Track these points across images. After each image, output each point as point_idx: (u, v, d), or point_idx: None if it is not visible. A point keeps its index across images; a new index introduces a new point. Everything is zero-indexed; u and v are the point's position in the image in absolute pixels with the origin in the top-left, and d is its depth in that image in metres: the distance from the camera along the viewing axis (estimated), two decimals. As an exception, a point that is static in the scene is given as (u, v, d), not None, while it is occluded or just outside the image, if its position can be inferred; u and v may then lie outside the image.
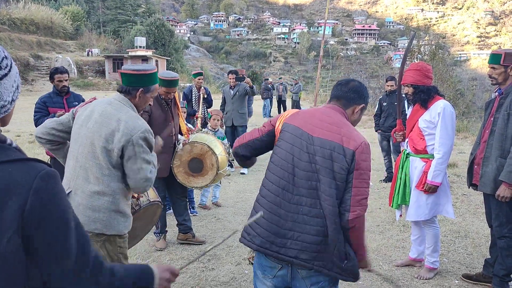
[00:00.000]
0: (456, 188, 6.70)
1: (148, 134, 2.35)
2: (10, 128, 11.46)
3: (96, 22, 67.31)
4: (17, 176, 1.04)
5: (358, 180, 1.99)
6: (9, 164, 1.06)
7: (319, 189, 2.00)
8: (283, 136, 2.16)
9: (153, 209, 3.00)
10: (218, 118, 5.47)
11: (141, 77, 2.40)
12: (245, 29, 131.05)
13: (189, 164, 4.19)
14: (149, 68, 2.45)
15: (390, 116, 7.12)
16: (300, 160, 2.05)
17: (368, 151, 2.04)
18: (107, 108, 2.37)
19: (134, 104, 2.44)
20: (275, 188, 2.09)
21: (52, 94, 4.77)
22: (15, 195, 1.02)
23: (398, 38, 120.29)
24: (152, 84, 2.47)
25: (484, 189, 3.37)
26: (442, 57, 21.88)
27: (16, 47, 35.74)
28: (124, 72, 2.42)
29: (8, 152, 1.08)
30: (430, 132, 3.56)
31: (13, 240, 1.02)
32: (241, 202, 5.97)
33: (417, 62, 4.05)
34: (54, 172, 1.10)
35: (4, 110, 1.14)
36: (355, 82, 2.26)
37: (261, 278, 2.18)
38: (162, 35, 48.57)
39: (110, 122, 2.31)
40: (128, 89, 2.42)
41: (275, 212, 2.06)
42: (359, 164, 1.99)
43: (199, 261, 4.04)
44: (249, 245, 2.12)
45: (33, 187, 1.04)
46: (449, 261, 4.13)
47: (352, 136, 2.03)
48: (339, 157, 1.99)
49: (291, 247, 2.00)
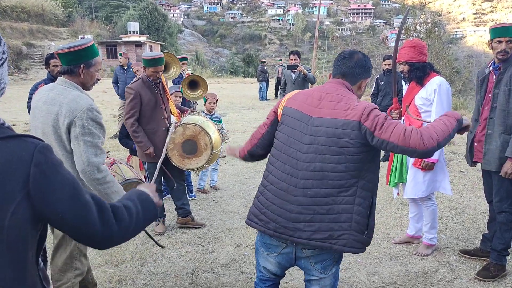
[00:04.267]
0: (453, 165, 6.73)
1: (91, 112, 2.27)
2: (5, 117, 11.35)
3: (88, 8, 66.33)
4: (17, 151, 1.11)
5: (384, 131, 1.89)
6: (7, 140, 1.13)
7: (325, 169, 1.96)
8: (284, 120, 2.13)
9: (132, 187, 2.92)
10: (213, 101, 5.43)
11: (79, 53, 2.31)
12: (239, 12, 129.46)
13: (183, 146, 4.18)
14: (85, 42, 2.36)
15: (388, 95, 7.06)
16: (302, 143, 2.02)
17: (374, 110, 1.95)
18: (49, 94, 2.32)
19: (80, 82, 2.37)
20: (280, 173, 2.07)
21: (47, 80, 4.74)
22: (17, 169, 1.10)
23: (394, 17, 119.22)
24: (92, 57, 2.37)
25: (488, 167, 3.34)
26: (438, 35, 21.70)
27: (8, 36, 35.26)
28: (60, 52, 2.32)
29: (3, 130, 1.15)
30: (426, 109, 3.55)
31: (17, 212, 1.09)
32: (239, 185, 5.99)
33: (412, 39, 4.00)
34: (49, 146, 1.19)
35: (2, 93, 1.25)
36: (359, 54, 2.17)
37: (264, 255, 2.18)
38: (155, 19, 48.06)
39: (53, 108, 2.27)
40: (70, 69, 2.33)
41: (284, 198, 2.04)
42: (374, 124, 1.90)
43: (199, 244, 4.06)
44: (263, 230, 2.11)
45: (33, 160, 1.12)
46: (447, 237, 4.17)
47: (352, 108, 1.97)
48: (343, 133, 1.94)
49: (305, 230, 1.98)
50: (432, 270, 3.51)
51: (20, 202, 1.10)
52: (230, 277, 3.44)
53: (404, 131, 1.89)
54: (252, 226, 2.18)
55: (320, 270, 2.06)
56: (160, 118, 4.19)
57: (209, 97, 5.45)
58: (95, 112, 2.29)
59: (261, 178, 2.24)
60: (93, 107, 2.28)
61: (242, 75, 38.80)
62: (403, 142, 1.88)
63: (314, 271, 2.07)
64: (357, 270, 3.53)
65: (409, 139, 1.87)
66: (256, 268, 2.33)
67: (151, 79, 4.14)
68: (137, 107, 4.06)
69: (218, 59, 74.96)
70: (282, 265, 2.16)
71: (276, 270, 2.19)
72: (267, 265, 2.19)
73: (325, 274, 2.07)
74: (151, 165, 4.24)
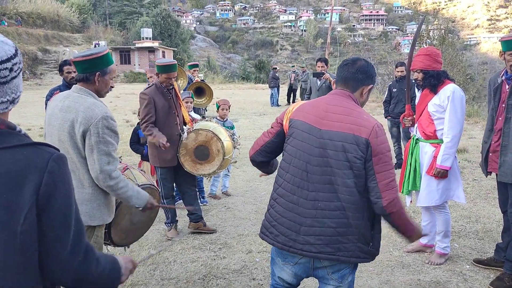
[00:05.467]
0: (466, 174, 6.66)
1: (106, 121, 2.30)
2: (21, 122, 11.58)
3: (102, 14, 67.28)
4: (33, 158, 1.15)
5: (380, 165, 1.95)
6: (24, 148, 1.17)
7: (335, 182, 1.98)
8: (291, 133, 2.14)
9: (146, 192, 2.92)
10: (226, 108, 5.46)
11: (95, 61, 2.35)
12: (251, 18, 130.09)
13: (195, 152, 4.21)
14: (100, 50, 2.40)
15: (400, 102, 7.03)
16: (311, 155, 2.03)
17: (382, 132, 2.00)
18: (65, 102, 2.35)
19: (95, 90, 2.41)
20: (290, 186, 2.08)
21: (62, 86, 4.81)
22: (32, 175, 1.13)
23: (407, 23, 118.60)
24: (107, 65, 2.40)
25: (504, 179, 3.29)
26: (451, 41, 21.57)
27: (24, 41, 35.91)
28: (77, 60, 2.36)
29: (19, 137, 1.19)
30: (439, 116, 3.53)
31: (29, 217, 1.12)
32: (251, 191, 6.00)
33: (426, 47, 3.99)
34: (64, 156, 1.23)
35: (18, 100, 1.27)
36: (362, 61, 2.19)
37: (280, 265, 2.18)
38: (168, 26, 48.54)
39: (69, 115, 2.30)
40: (85, 76, 2.37)
41: (294, 211, 2.05)
42: (376, 150, 1.95)
43: (210, 250, 4.08)
44: (272, 243, 2.12)
45: (47, 168, 1.15)
46: (460, 246, 4.12)
47: (361, 123, 1.99)
48: (351, 147, 1.96)
49: (314, 243, 1.99)
50: (445, 280, 3.48)
51: (31, 207, 1.13)
52: (241, 284, 3.45)
53: (392, 181, 1.97)
54: (264, 239, 2.19)
55: (337, 279, 2.07)
56: (173, 123, 4.23)
57: (222, 104, 5.48)
58: (110, 120, 2.33)
59: (272, 184, 2.25)
60: (108, 115, 2.32)
61: (254, 81, 38.88)
62: (382, 187, 1.95)
63: (331, 280, 2.08)
64: (369, 279, 3.51)
65: (387, 189, 1.95)
66: (271, 277, 2.33)
67: (164, 85, 4.18)
68: (152, 112, 4.10)
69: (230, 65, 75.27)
70: (298, 275, 2.16)
71: (292, 280, 2.19)
72: (283, 275, 2.19)
73: (342, 283, 2.08)
74: (163, 171, 4.28)
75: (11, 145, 1.15)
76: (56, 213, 1.17)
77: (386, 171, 1.97)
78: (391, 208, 1.96)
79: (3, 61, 1.16)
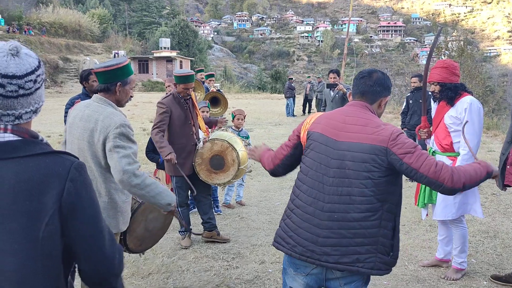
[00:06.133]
0: (485, 187, 6.53)
1: (123, 128, 2.34)
2: (41, 129, 11.82)
3: (122, 24, 68.61)
4: (55, 166, 1.19)
5: (414, 160, 1.91)
6: (46, 156, 1.21)
7: (352, 193, 1.97)
8: (309, 145, 2.14)
9: None
10: (241, 118, 5.49)
11: (116, 72, 2.40)
12: (268, 28, 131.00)
13: (211, 161, 4.24)
14: (121, 61, 2.44)
15: (415, 113, 7.01)
16: (329, 167, 2.03)
17: (400, 135, 1.97)
18: (85, 111, 2.40)
19: (115, 100, 2.45)
20: (306, 197, 2.08)
21: (82, 96, 4.89)
22: (54, 183, 1.17)
23: (425, 34, 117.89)
24: (128, 75, 2.46)
25: None
26: (470, 53, 21.33)
27: (46, 50, 36.82)
28: (98, 71, 2.41)
29: (42, 146, 1.23)
30: (456, 128, 3.49)
31: (51, 224, 1.17)
32: (265, 201, 5.99)
33: (444, 59, 3.96)
34: (84, 164, 1.28)
35: (40, 110, 1.31)
36: (378, 73, 2.18)
37: (292, 275, 2.17)
38: (186, 36, 49.18)
39: (89, 124, 2.35)
40: (106, 87, 2.42)
41: (310, 222, 2.05)
42: (400, 151, 1.92)
43: (223, 259, 4.08)
44: (290, 254, 2.12)
45: (69, 176, 1.20)
46: (477, 262, 4.04)
47: (379, 132, 1.98)
48: (370, 157, 1.95)
49: (332, 254, 1.98)
50: (462, 296, 3.41)
51: (53, 214, 1.16)
52: (253, 294, 3.44)
53: (436, 164, 1.92)
54: (279, 249, 2.18)
55: None
56: (189, 133, 4.27)
57: (237, 114, 5.51)
58: (127, 128, 2.37)
59: (286, 194, 2.26)
60: (125, 123, 2.36)
61: (270, 91, 39.02)
62: (434, 175, 1.91)
63: None
64: (383, 292, 3.46)
65: (440, 173, 1.90)
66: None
67: (182, 95, 4.24)
68: (166, 121, 4.16)
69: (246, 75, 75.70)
70: (310, 286, 2.15)
71: None
72: (295, 285, 2.18)
73: None
74: (178, 179, 4.32)
75: (34, 153, 1.19)
76: (86, 219, 1.22)
77: (424, 161, 1.92)
78: (458, 183, 1.90)
79: (27, 74, 1.20)
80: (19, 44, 1.23)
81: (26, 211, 1.14)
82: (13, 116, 1.20)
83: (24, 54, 1.22)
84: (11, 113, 1.20)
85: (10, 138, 1.19)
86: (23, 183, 1.14)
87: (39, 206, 1.15)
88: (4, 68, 1.16)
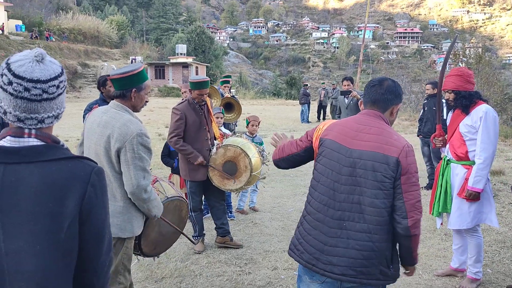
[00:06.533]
0: (502, 197, 6.43)
1: (140, 138, 2.39)
2: (59, 133, 12.05)
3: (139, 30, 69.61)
4: (77, 171, 1.24)
5: (408, 184, 1.95)
6: (68, 161, 1.26)
7: (362, 202, 1.98)
8: (322, 151, 2.15)
9: (175, 205, 2.93)
10: (256, 124, 5.52)
11: (131, 78, 2.45)
12: (284, 35, 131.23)
13: (224, 167, 4.28)
14: (136, 67, 2.49)
15: (428, 121, 7.01)
16: (340, 174, 2.04)
17: (412, 153, 2.00)
18: (103, 117, 2.46)
19: (131, 105, 2.50)
20: (317, 204, 2.10)
21: (99, 101, 4.99)
22: (76, 187, 1.22)
23: (442, 41, 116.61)
24: (143, 81, 2.50)
25: None
26: (488, 60, 21.02)
27: (65, 56, 37.55)
28: (114, 78, 2.46)
29: (63, 151, 1.28)
30: (471, 137, 3.46)
31: (72, 226, 1.21)
32: (278, 207, 6.00)
33: (458, 67, 3.94)
34: (103, 169, 1.33)
35: (61, 115, 1.36)
36: (389, 81, 2.19)
37: (308, 282, 2.17)
38: (202, 42, 49.60)
39: (106, 131, 2.40)
40: (122, 93, 2.47)
41: (319, 229, 2.06)
42: (406, 169, 1.95)
43: (236, 265, 4.10)
44: (298, 260, 2.14)
45: (90, 180, 1.25)
46: (493, 272, 3.97)
47: (392, 142, 1.99)
48: (381, 167, 1.96)
49: (337, 264, 1.99)
50: (477, 306, 3.36)
51: (75, 216, 1.21)
52: (265, 300, 3.44)
53: (419, 201, 1.98)
54: (291, 256, 2.21)
55: None
56: (203, 139, 4.32)
57: (251, 120, 5.55)
58: (144, 137, 2.42)
59: (300, 201, 2.29)
60: (142, 132, 2.41)
61: (285, 97, 39.00)
62: (410, 207, 1.95)
63: None
64: (396, 301, 3.43)
65: (416, 209, 1.96)
66: None
67: (196, 101, 4.29)
68: (182, 127, 4.22)
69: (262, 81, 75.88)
70: None
71: None
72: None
73: None
74: (193, 184, 4.37)
75: (57, 158, 1.24)
76: (95, 224, 1.27)
77: (413, 191, 1.97)
78: (415, 229, 1.96)
79: (51, 79, 1.26)
80: (44, 51, 1.29)
81: (49, 213, 1.18)
82: (36, 120, 1.25)
83: (49, 61, 1.28)
84: (35, 117, 1.25)
85: (34, 142, 1.25)
86: (46, 186, 1.19)
87: (62, 209, 1.19)
88: (30, 73, 1.22)
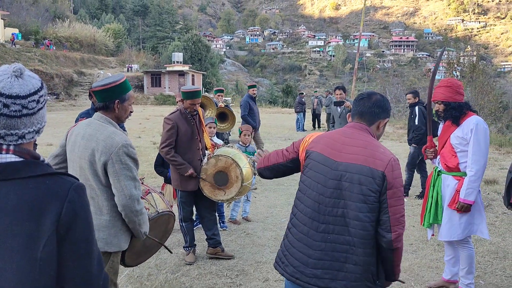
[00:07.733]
0: (496, 206, 6.42)
1: (126, 148, 2.34)
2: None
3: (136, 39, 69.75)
4: (54, 188, 1.21)
5: (393, 199, 1.95)
6: (46, 177, 1.23)
7: (347, 215, 1.97)
8: (308, 164, 2.15)
9: (164, 219, 2.92)
10: (248, 134, 5.51)
11: (113, 90, 2.41)
12: (280, 43, 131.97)
13: (215, 177, 4.26)
14: (117, 78, 2.44)
15: (411, 129, 7.22)
16: (326, 187, 2.03)
17: (398, 166, 2.00)
18: (87, 130, 2.41)
19: (115, 117, 2.46)
20: (302, 216, 2.09)
21: (90, 110, 4.95)
22: (53, 204, 1.19)
23: (437, 49, 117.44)
24: (125, 92, 2.46)
25: None
26: (483, 68, 21.15)
27: (61, 64, 37.55)
28: (96, 90, 2.42)
29: (43, 167, 1.25)
30: (462, 149, 3.46)
31: (48, 243, 1.17)
32: (271, 217, 5.97)
33: (448, 78, 3.95)
34: (83, 185, 1.29)
35: (42, 130, 1.34)
36: (378, 95, 2.20)
37: None
38: (198, 50, 49.70)
39: (91, 143, 2.36)
40: (105, 105, 2.43)
41: (304, 242, 2.05)
42: (392, 183, 1.95)
43: (227, 276, 4.07)
44: (282, 273, 2.13)
45: (68, 197, 1.21)
46: (486, 284, 3.95)
47: (378, 156, 1.98)
48: (367, 180, 1.95)
49: (322, 277, 1.98)
50: (468, 319, 3.33)
51: (51, 235, 1.18)
52: (256, 313, 3.40)
53: (403, 215, 1.99)
54: (276, 269, 2.19)
55: None
56: (195, 148, 4.30)
57: (244, 129, 5.54)
58: (130, 147, 2.39)
59: None
60: (127, 143, 2.37)
61: (281, 105, 39.08)
62: (395, 221, 1.95)
63: None
64: (388, 314, 3.40)
65: (400, 224, 1.96)
66: None
67: (188, 111, 4.28)
68: (173, 137, 4.20)
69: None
70: None
71: None
72: None
73: None
74: (183, 194, 4.34)
75: (35, 175, 1.21)
76: (79, 241, 1.23)
77: (398, 206, 1.96)
78: (397, 243, 1.96)
79: (31, 94, 1.24)
80: (23, 66, 1.27)
81: (26, 231, 1.16)
82: (17, 136, 1.23)
83: (28, 75, 1.26)
84: (15, 133, 1.23)
85: (12, 159, 1.22)
86: (24, 204, 1.16)
87: (38, 227, 1.16)
88: (9, 89, 1.20)
